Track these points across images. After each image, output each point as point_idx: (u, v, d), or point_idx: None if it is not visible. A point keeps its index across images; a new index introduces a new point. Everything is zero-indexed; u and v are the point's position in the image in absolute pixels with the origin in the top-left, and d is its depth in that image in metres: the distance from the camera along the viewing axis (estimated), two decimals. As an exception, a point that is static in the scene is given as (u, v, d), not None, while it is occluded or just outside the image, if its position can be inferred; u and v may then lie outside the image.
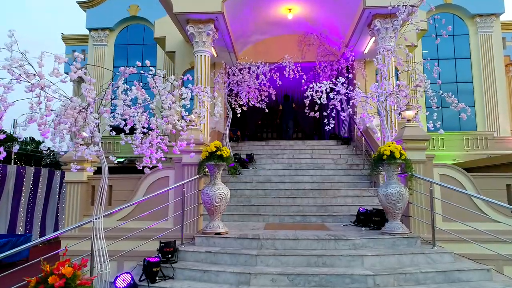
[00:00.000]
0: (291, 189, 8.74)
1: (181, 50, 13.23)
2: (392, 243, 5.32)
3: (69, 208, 6.39)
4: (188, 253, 5.27)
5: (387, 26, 9.07)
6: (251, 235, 5.55)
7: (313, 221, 7.47)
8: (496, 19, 15.39)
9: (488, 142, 14.41)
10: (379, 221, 6.22)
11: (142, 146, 4.44)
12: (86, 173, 6.51)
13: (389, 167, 5.59)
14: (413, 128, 6.03)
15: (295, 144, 11.75)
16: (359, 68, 12.00)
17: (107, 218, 5.63)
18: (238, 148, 11.68)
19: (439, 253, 5.03)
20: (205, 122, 8.47)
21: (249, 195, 8.65)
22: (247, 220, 7.61)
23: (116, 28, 17.10)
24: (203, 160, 5.75)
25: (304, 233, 5.78)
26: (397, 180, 5.64)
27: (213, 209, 5.66)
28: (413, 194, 5.77)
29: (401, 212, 5.58)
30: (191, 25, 9.51)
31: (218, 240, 5.52)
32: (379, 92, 7.05)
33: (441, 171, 6.04)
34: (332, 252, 4.99)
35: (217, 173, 5.78)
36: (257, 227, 6.73)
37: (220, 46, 11.15)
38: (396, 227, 5.48)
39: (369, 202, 8.18)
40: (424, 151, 5.95)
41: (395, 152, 5.48)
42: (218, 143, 5.78)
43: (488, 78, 14.88)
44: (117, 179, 6.55)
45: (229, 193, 5.81)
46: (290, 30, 12.44)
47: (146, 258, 4.85)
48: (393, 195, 5.45)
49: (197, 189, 6.09)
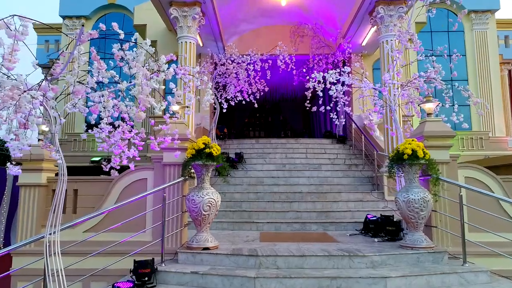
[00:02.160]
0: (287, 193, 7.81)
1: (164, 39, 12.15)
2: (416, 260, 4.45)
3: (23, 217, 5.24)
4: (169, 274, 4.25)
5: (392, 13, 8.27)
6: (247, 250, 4.59)
7: (314, 229, 6.56)
8: (492, 16, 14.94)
9: (483, 142, 13.95)
10: (393, 231, 5.36)
11: (110, 140, 3.42)
12: (46, 174, 5.38)
13: (411, 168, 4.73)
14: (435, 123, 5.20)
15: (287, 143, 10.86)
16: (356, 62, 11.19)
17: (71, 229, 4.57)
18: (226, 147, 10.69)
19: (473, 272, 4.19)
20: (190, 114, 7.43)
21: (240, 199, 7.67)
22: (238, 228, 6.64)
23: (93, 17, 15.77)
24: (189, 159, 4.74)
25: (309, 246, 4.85)
26: (419, 184, 4.79)
27: (200, 218, 4.65)
28: (437, 200, 4.93)
29: (424, 222, 4.73)
30: (174, 8, 8.46)
31: (206, 257, 4.52)
32: (390, 83, 6.20)
33: (467, 173, 5.22)
34: (348, 272, 4.08)
35: (206, 175, 4.78)
36: (251, 237, 5.76)
37: (207, 34, 10.13)
38: (419, 239, 4.62)
39: (373, 207, 7.35)
40: (447, 150, 5.12)
41: (417, 151, 4.63)
42: (207, 139, 4.78)
43: (483, 76, 14.40)
44: (83, 182, 5.44)
45: (219, 199, 4.82)
46: (282, 19, 11.52)
47: (116, 284, 3.83)
48: (415, 202, 4.59)
49: (181, 194, 5.07)
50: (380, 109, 6.99)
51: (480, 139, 13.99)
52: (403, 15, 8.26)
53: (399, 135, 5.95)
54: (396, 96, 6.09)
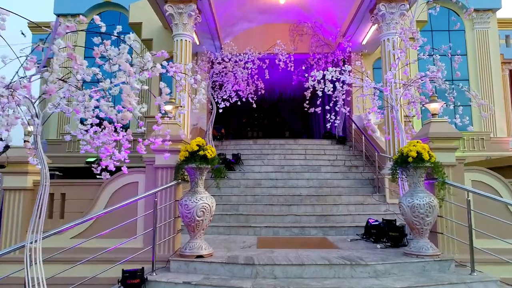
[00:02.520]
0: (285, 195, 7.57)
1: (160, 37, 11.87)
2: (422, 269, 4.21)
3: (7, 223, 4.98)
4: (160, 284, 4.00)
5: (393, 10, 8.03)
6: (243, 258, 4.34)
7: (313, 233, 6.32)
8: (493, 14, 14.73)
9: (484, 142, 13.72)
10: (397, 237, 5.13)
11: (94, 143, 3.17)
12: (32, 177, 5.12)
13: (415, 172, 4.49)
14: (440, 124, 4.96)
15: (286, 144, 10.61)
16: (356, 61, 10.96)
17: (58, 235, 4.32)
18: (223, 148, 10.44)
19: (482, 282, 3.95)
20: (185, 113, 7.14)
21: (237, 201, 7.43)
22: (235, 233, 6.40)
23: (88, 15, 15.46)
24: (182, 161, 4.49)
25: (309, 253, 4.61)
26: (424, 188, 4.55)
27: (193, 224, 4.40)
28: (443, 205, 4.69)
29: (430, 228, 4.49)
30: (169, 5, 8.20)
31: (200, 265, 4.28)
32: (392, 82, 5.97)
33: (473, 176, 4.99)
34: (349, 282, 3.84)
35: (200, 178, 4.53)
36: (248, 243, 5.52)
37: (203, 32, 9.87)
38: (425, 247, 4.38)
39: (375, 210, 7.12)
40: (454, 152, 4.88)
41: (423, 153, 4.39)
42: (201, 140, 4.54)
43: (484, 76, 14.18)
44: (71, 185, 5.18)
45: (214, 204, 4.57)
46: (280, 18, 11.26)
47: (102, 296, 3.58)
48: (421, 207, 4.35)
49: (174, 199, 4.82)
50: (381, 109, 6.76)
51: (481, 139, 13.76)
52: (405, 12, 8.03)
53: (401, 136, 5.71)
54: (398, 96, 5.85)
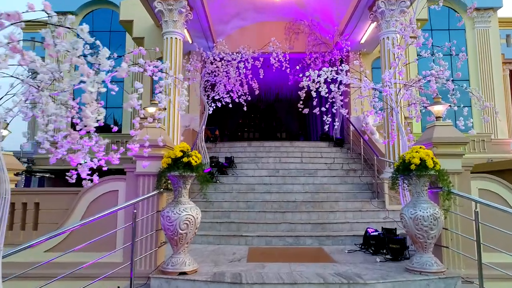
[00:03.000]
0: (280, 201, 7.19)
1: (151, 36, 11.49)
2: (426, 287, 3.85)
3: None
4: (138, 306, 3.63)
5: (393, 7, 7.67)
6: (230, 275, 3.96)
7: (308, 243, 5.95)
8: (494, 13, 14.41)
9: (485, 144, 13.41)
10: (397, 249, 4.76)
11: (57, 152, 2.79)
12: None
13: (419, 180, 4.12)
14: (445, 128, 4.59)
15: (281, 146, 10.25)
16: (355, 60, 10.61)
17: (30, 249, 3.94)
18: (216, 150, 10.07)
19: (492, 303, 3.61)
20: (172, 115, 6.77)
21: (228, 208, 7.06)
22: (225, 243, 6.02)
23: (80, 13, 15.09)
24: (164, 169, 4.11)
25: (303, 269, 4.24)
26: (428, 198, 4.19)
27: (176, 238, 4.03)
28: (448, 217, 4.32)
29: (434, 242, 4.13)
30: (159, 1, 7.81)
31: (182, 283, 3.90)
32: (392, 82, 5.60)
33: (480, 184, 4.62)
34: (346, 305, 3.48)
35: (183, 187, 4.15)
36: (238, 255, 5.14)
37: (195, 30, 9.49)
38: (429, 262, 4.01)
39: (373, 217, 6.76)
40: (460, 159, 4.52)
41: (426, 160, 4.02)
42: (185, 146, 4.16)
43: (485, 76, 13.87)
44: (45, 194, 4.78)
45: (199, 215, 4.19)
46: (276, 16, 10.89)
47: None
48: (424, 219, 3.99)
49: (156, 210, 4.43)
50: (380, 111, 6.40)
51: (482, 141, 13.46)
52: (405, 9, 7.67)
53: (402, 141, 5.35)
54: (398, 97, 5.49)
